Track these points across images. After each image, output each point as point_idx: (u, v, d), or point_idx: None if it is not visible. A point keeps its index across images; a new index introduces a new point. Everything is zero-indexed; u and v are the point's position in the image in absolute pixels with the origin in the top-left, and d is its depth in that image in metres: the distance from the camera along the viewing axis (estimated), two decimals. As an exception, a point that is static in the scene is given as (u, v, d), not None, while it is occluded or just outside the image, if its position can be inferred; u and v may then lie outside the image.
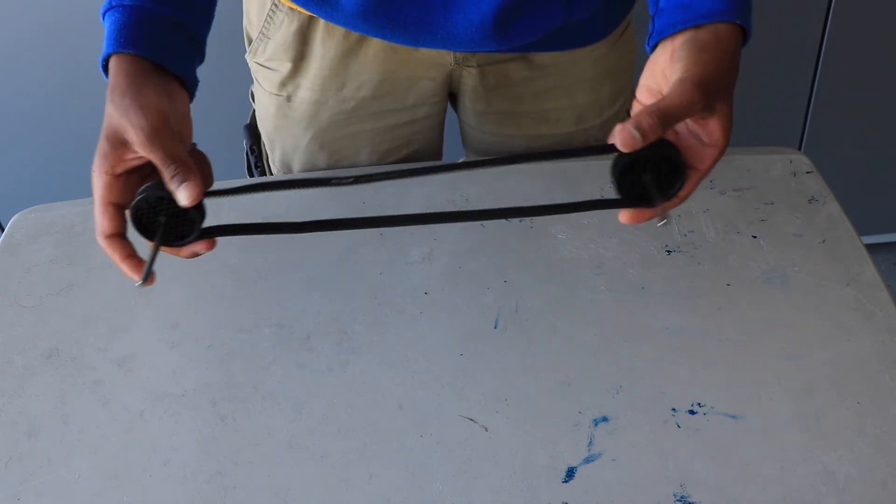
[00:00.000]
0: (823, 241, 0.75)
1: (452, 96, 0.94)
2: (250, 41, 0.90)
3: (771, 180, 0.81)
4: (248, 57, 0.92)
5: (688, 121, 0.60)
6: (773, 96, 1.53)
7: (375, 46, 0.84)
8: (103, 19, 0.67)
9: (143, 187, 0.61)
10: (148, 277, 0.60)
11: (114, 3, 0.66)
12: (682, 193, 0.62)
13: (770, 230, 0.76)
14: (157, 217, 0.61)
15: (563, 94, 0.90)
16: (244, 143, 1.02)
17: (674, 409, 0.63)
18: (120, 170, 0.61)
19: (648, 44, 0.65)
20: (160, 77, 0.64)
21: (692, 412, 0.63)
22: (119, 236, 0.62)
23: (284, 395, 0.66)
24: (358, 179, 0.62)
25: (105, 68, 0.65)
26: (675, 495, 0.58)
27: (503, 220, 0.79)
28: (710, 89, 0.58)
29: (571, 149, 0.59)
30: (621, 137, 0.56)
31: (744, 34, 0.62)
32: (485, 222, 0.79)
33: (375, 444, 0.62)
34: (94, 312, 0.74)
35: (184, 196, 0.59)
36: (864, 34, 1.47)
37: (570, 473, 0.60)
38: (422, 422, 0.63)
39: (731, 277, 0.72)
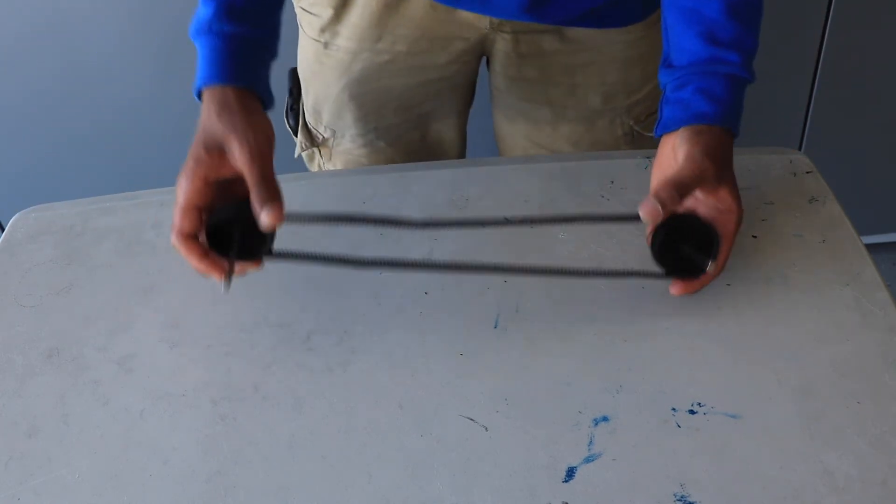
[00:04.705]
0: (823, 241, 0.75)
1: (486, 59, 0.96)
2: None
3: (771, 180, 0.81)
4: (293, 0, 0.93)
5: (703, 196, 0.68)
6: (773, 96, 1.53)
7: (416, 3, 0.86)
8: (196, 39, 0.71)
9: (222, 206, 0.66)
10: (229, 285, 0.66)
11: (213, 28, 0.70)
12: (719, 260, 0.69)
13: (770, 230, 0.76)
14: (232, 231, 0.66)
15: (593, 71, 0.92)
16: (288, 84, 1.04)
17: (674, 409, 0.63)
18: (213, 177, 0.65)
19: (656, 132, 0.73)
20: (255, 102, 0.70)
21: (692, 412, 0.63)
22: (195, 238, 0.66)
23: (284, 395, 0.66)
24: (426, 225, 0.70)
25: (200, 90, 0.70)
26: (675, 495, 0.58)
27: (503, 220, 0.78)
28: (716, 159, 0.67)
29: (597, 215, 0.76)
30: (644, 209, 0.64)
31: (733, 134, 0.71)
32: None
33: (375, 444, 0.62)
34: (94, 312, 0.74)
35: (266, 218, 0.63)
36: (864, 34, 1.47)
37: (570, 473, 0.60)
38: (422, 422, 0.63)
39: (731, 277, 0.72)
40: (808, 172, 0.82)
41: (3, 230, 0.92)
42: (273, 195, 0.64)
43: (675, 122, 0.70)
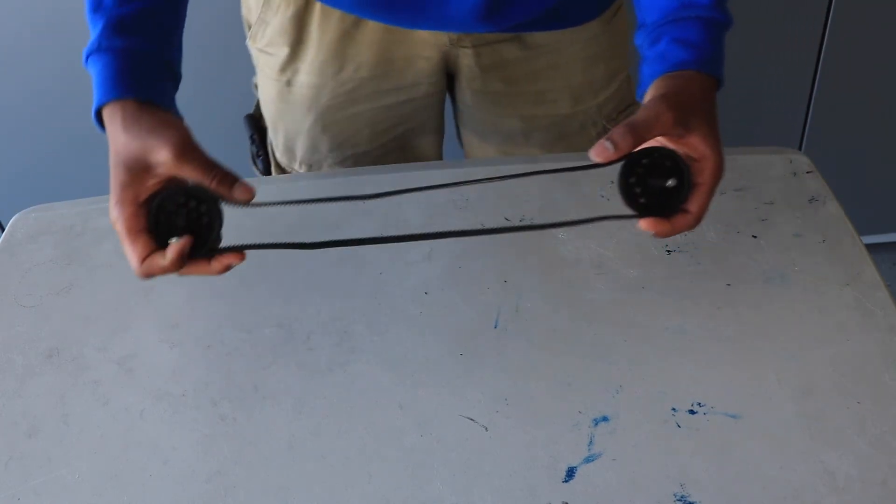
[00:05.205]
0: (823, 241, 0.75)
1: (450, 78, 0.95)
2: (249, 26, 0.92)
3: (771, 180, 0.81)
4: (248, 43, 0.93)
5: (672, 144, 0.63)
6: (773, 96, 1.53)
7: (372, 28, 0.85)
8: (87, 63, 0.67)
9: (160, 195, 0.62)
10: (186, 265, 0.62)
11: (102, 46, 0.66)
12: (692, 208, 0.64)
13: (770, 230, 0.76)
14: (175, 220, 0.63)
15: (557, 75, 0.91)
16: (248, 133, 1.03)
17: (674, 409, 0.63)
18: (144, 196, 0.62)
19: (638, 94, 0.69)
20: (163, 111, 0.66)
21: (692, 412, 0.63)
22: (162, 258, 0.62)
23: (284, 395, 0.66)
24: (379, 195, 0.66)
25: (99, 113, 0.66)
26: (675, 495, 0.58)
27: (504, 220, 0.79)
28: (678, 104, 0.62)
29: (557, 167, 0.67)
30: (594, 150, 0.61)
31: (717, 81, 0.66)
32: (485, 222, 0.79)
33: (375, 444, 0.62)
34: (94, 312, 0.74)
35: (242, 193, 0.61)
36: (863, 34, 1.47)
37: (570, 473, 0.60)
38: (422, 422, 0.63)
39: (731, 277, 0.72)
40: (808, 172, 0.82)
41: (3, 230, 0.92)
42: (229, 173, 0.61)
43: (654, 77, 0.66)
